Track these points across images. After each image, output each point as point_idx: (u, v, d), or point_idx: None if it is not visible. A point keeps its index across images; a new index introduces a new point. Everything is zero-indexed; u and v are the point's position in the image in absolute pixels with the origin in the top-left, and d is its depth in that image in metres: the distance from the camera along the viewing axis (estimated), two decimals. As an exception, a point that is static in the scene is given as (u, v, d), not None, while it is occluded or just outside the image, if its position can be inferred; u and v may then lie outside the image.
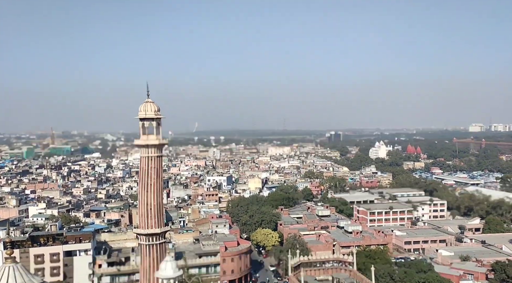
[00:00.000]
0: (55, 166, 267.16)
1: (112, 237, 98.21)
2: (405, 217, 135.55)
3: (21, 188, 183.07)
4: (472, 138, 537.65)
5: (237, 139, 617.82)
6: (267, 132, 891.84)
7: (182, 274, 43.47)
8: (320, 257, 59.81)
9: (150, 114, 47.71)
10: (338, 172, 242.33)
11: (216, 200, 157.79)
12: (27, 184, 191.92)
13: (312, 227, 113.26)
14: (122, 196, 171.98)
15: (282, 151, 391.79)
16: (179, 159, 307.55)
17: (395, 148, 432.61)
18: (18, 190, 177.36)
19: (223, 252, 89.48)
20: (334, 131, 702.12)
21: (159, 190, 47.89)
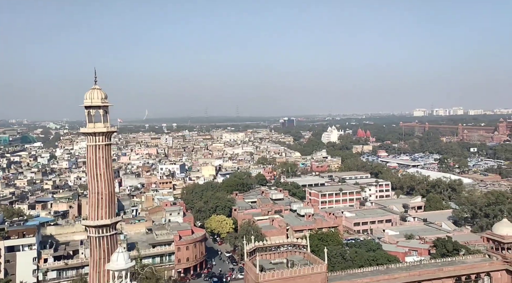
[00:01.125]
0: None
1: (59, 230, 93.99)
2: (354, 198, 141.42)
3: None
4: (416, 122, 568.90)
5: (190, 126, 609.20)
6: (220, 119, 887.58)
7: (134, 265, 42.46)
8: (274, 241, 60.80)
9: (96, 102, 45.50)
10: (291, 157, 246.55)
11: (170, 187, 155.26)
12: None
13: (266, 211, 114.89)
14: (71, 186, 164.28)
15: (236, 136, 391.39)
16: (129, 147, 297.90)
17: (346, 132, 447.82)
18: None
19: (177, 241, 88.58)
20: (287, 117, 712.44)
21: (109, 179, 46.14)
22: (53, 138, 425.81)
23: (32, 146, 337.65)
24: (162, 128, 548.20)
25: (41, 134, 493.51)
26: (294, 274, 51.63)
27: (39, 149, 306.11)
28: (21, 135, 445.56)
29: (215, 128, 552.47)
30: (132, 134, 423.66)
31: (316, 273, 52.36)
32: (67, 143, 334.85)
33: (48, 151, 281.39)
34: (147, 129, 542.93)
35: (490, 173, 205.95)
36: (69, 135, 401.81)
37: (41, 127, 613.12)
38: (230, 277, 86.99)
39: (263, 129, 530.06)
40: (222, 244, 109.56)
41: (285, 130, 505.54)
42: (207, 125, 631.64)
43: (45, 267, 79.10)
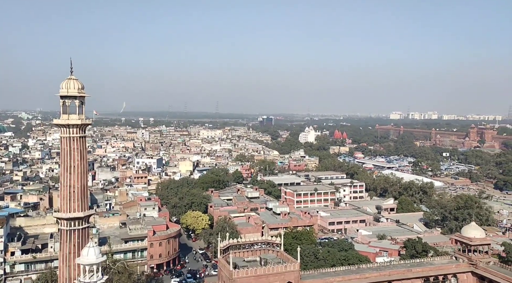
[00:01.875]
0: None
1: (29, 222, 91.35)
2: (328, 198, 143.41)
3: None
4: (392, 125, 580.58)
5: (167, 121, 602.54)
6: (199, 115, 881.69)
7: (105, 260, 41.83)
8: (249, 239, 61.03)
9: (72, 92, 44.58)
10: (269, 156, 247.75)
11: (145, 182, 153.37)
12: None
13: (242, 208, 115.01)
14: (42, 178, 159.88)
15: (214, 133, 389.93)
16: (105, 140, 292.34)
17: (324, 132, 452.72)
18: None
19: (151, 236, 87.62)
20: (266, 116, 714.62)
21: (83, 172, 45.32)
22: (24, 128, 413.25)
23: (2, 135, 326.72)
24: (139, 123, 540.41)
25: (12, 124, 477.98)
26: (267, 272, 52.01)
27: (11, 138, 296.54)
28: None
29: (193, 124, 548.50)
30: (107, 127, 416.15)
31: (289, 271, 52.94)
32: (40, 133, 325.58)
33: (20, 141, 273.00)
34: (123, 123, 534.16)
35: (460, 176, 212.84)
36: (42, 126, 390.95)
37: (12, 117, 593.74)
38: (203, 274, 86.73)
39: (241, 127, 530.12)
40: (196, 240, 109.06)
41: (263, 129, 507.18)
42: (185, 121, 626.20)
43: (12, 260, 76.87)
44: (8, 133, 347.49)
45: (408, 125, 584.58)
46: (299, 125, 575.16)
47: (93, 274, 35.21)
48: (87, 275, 35.13)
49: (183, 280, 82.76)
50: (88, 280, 34.71)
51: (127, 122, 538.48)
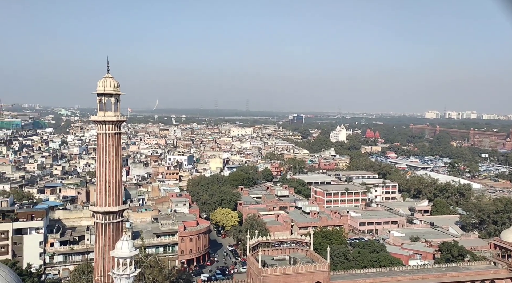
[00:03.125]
0: (4, 140, 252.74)
1: (67, 214, 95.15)
2: (359, 198, 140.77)
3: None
4: (427, 125, 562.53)
5: (199, 118, 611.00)
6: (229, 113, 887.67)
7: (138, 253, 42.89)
8: (278, 237, 60.94)
9: (108, 90, 45.92)
10: (299, 154, 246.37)
11: (176, 178, 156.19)
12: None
13: (271, 207, 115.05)
14: (79, 173, 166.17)
15: (244, 131, 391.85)
16: (138, 137, 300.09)
17: (355, 131, 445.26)
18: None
19: (182, 232, 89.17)
20: (296, 114, 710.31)
21: (117, 168, 46.62)
22: (64, 124, 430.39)
23: (44, 131, 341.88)
24: (171, 120, 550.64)
25: (52, 120, 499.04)
26: (296, 271, 51.78)
27: (51, 134, 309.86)
28: (33, 120, 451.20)
29: (224, 122, 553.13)
30: (141, 124, 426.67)
31: (318, 271, 52.46)
32: (78, 129, 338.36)
33: (60, 137, 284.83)
34: (156, 120, 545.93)
35: (500, 179, 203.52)
36: (80, 122, 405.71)
37: (53, 114, 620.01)
38: (233, 271, 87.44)
39: (271, 125, 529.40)
40: (225, 237, 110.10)
41: (293, 127, 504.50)
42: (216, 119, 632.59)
43: (51, 251, 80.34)
44: (49, 129, 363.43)
45: (445, 125, 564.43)
46: (330, 124, 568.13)
47: (127, 267, 36.16)
48: (121, 268, 36.12)
49: (212, 276, 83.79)
50: (122, 273, 35.68)
51: (159, 120, 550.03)
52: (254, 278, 52.79)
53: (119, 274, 35.65)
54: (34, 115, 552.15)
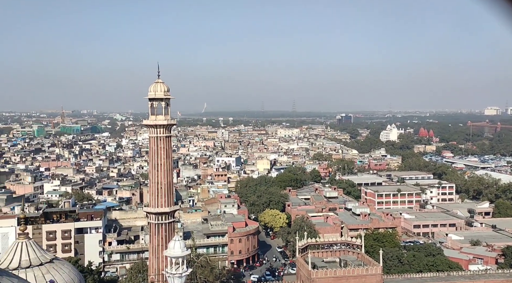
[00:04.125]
0: (66, 145, 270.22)
1: (123, 215, 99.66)
2: (413, 199, 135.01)
3: (36, 165, 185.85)
4: (487, 122, 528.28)
5: (245, 120, 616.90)
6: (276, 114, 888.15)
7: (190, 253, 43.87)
8: (327, 239, 59.94)
9: (159, 95, 47.48)
10: (347, 155, 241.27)
11: (225, 180, 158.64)
12: (41, 162, 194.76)
13: (320, 208, 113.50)
14: (134, 175, 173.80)
15: (291, 132, 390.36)
16: (187, 140, 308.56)
17: (407, 130, 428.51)
18: (33, 167, 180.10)
19: (231, 233, 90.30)
20: (344, 114, 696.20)
21: (169, 169, 48.08)
22: (119, 129, 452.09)
23: (101, 135, 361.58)
24: (219, 122, 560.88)
25: (108, 125, 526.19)
26: (347, 274, 50.60)
27: (107, 138, 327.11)
28: (91, 125, 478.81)
29: (271, 123, 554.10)
30: (190, 127, 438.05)
31: (370, 274, 50.92)
32: (131, 133, 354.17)
33: (115, 141, 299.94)
34: (204, 123, 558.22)
35: None
36: (133, 126, 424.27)
37: (109, 118, 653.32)
38: (282, 272, 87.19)
39: (319, 125, 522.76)
40: (274, 238, 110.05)
41: (342, 127, 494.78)
42: (263, 120, 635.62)
43: (109, 250, 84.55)
44: (105, 133, 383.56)
45: (507, 121, 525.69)
46: (380, 123, 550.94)
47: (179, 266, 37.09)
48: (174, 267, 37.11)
49: (261, 277, 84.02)
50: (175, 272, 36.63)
51: (208, 122, 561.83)
52: (304, 280, 52.24)
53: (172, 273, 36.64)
54: (92, 120, 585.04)
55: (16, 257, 29.13)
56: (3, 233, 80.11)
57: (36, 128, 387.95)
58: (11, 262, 28.04)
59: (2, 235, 79.99)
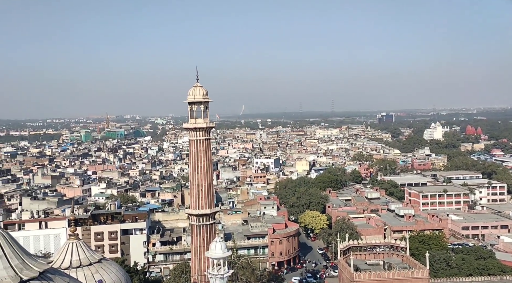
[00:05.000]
0: (111, 149, 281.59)
1: (165, 216, 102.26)
2: (460, 200, 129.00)
3: (83, 169, 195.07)
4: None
5: (284, 122, 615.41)
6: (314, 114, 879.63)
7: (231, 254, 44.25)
8: (370, 241, 58.41)
9: (198, 98, 48.31)
10: (389, 154, 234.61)
11: (264, 181, 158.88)
12: (88, 166, 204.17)
13: (361, 209, 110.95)
14: (175, 177, 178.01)
15: (330, 133, 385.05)
16: (226, 142, 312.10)
17: (453, 128, 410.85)
18: (81, 171, 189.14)
19: (271, 234, 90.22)
20: (385, 113, 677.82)
21: (209, 172, 48.78)
22: (160, 132, 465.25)
23: (143, 139, 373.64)
24: (257, 124, 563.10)
25: (150, 129, 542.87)
26: (391, 277, 49.06)
27: (149, 142, 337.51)
28: (134, 130, 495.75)
29: (309, 124, 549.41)
30: (229, 130, 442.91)
31: (416, 278, 49.07)
32: (172, 137, 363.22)
33: (157, 144, 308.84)
34: (242, 125, 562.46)
35: None
36: (174, 130, 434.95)
37: (150, 123, 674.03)
38: (324, 274, 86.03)
39: (358, 125, 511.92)
40: (315, 240, 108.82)
41: (382, 127, 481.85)
42: (301, 121, 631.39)
43: (153, 250, 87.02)
44: (147, 137, 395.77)
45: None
46: (424, 122, 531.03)
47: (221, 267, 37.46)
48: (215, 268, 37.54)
49: (303, 279, 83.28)
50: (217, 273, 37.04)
51: (246, 124, 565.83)
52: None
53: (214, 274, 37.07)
54: (135, 125, 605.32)
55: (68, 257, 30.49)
56: (55, 234, 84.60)
57: (83, 133, 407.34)
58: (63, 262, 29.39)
59: (54, 235, 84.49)
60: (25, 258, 11.88)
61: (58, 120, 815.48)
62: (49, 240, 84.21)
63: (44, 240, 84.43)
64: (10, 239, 12.11)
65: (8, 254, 11.59)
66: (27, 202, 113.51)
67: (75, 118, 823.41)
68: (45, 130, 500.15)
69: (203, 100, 48.31)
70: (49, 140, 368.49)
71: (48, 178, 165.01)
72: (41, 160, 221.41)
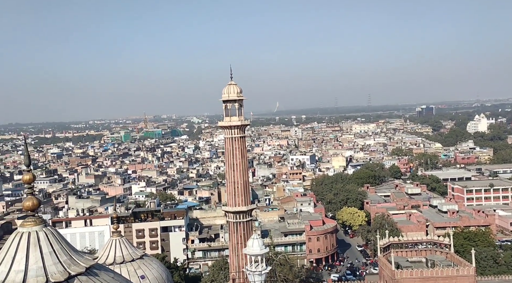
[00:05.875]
0: (149, 148, 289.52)
1: (203, 214, 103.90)
2: (508, 195, 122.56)
3: (124, 168, 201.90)
4: None
5: (319, 118, 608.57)
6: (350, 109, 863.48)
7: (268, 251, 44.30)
8: (411, 238, 56.68)
9: (232, 96, 48.55)
10: (430, 148, 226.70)
11: (300, 178, 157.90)
12: (128, 165, 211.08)
13: (401, 205, 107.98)
14: (211, 175, 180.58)
15: (367, 127, 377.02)
16: (261, 139, 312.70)
17: (498, 120, 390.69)
18: (122, 170, 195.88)
19: (308, 231, 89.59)
20: (425, 105, 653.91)
21: (244, 169, 48.99)
22: (196, 131, 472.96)
23: (180, 138, 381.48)
24: (292, 121, 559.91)
25: (186, 128, 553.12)
26: (435, 275, 47.37)
27: (186, 141, 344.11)
28: (171, 129, 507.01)
29: (345, 119, 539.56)
30: (263, 127, 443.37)
31: (462, 275, 47.11)
32: (208, 135, 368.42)
33: (193, 143, 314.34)
34: (277, 121, 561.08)
35: None
36: (209, 128, 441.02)
37: (186, 122, 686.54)
38: (364, 271, 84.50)
39: (397, 119, 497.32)
40: (353, 237, 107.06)
41: (422, 120, 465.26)
42: (337, 117, 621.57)
43: (192, 247, 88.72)
44: (184, 136, 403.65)
45: None
46: (467, 114, 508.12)
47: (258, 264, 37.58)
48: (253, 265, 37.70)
49: (342, 276, 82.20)
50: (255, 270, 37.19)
51: (280, 121, 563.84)
52: (388, 280, 49.98)
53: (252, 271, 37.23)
54: (172, 124, 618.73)
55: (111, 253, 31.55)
56: (99, 231, 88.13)
57: (123, 134, 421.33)
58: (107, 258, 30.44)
59: (98, 232, 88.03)
60: (72, 254, 12.37)
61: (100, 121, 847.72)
62: (94, 237, 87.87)
63: (89, 237, 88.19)
64: (59, 236, 12.64)
65: (57, 250, 12.11)
66: (73, 201, 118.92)
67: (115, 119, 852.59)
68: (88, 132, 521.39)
69: (237, 98, 48.50)
70: (91, 141, 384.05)
71: (91, 177, 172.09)
72: (85, 160, 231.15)
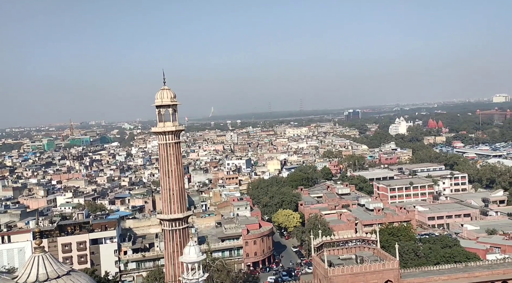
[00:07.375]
0: (76, 157, 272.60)
1: (137, 223, 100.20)
2: (426, 192, 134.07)
3: (47, 179, 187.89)
4: (496, 109, 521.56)
5: (253, 122, 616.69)
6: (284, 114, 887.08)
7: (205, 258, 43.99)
8: (342, 236, 59.64)
9: (166, 101, 47.74)
10: (357, 150, 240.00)
11: (236, 183, 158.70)
12: (52, 175, 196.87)
13: (332, 206, 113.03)
14: (145, 183, 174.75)
15: (299, 131, 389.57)
16: (197, 144, 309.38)
17: (416, 123, 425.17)
18: (45, 181, 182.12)
19: (245, 235, 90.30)
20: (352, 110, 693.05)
21: (180, 175, 48.28)
22: (128, 138, 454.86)
23: (110, 145, 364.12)
24: (227, 125, 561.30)
25: (117, 134, 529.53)
26: (364, 270, 50.31)
27: (117, 148, 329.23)
28: (100, 136, 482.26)
29: (279, 123, 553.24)
30: (199, 132, 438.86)
31: (387, 269, 50.58)
32: (141, 142, 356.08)
33: (125, 150, 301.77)
34: (212, 127, 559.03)
35: None
36: (142, 134, 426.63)
37: (117, 128, 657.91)
38: (299, 272, 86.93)
39: (327, 123, 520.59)
40: (289, 238, 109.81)
41: (350, 123, 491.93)
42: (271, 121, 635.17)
43: (125, 259, 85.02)
44: (115, 143, 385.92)
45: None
46: (388, 117, 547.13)
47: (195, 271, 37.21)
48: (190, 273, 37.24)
49: (279, 278, 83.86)
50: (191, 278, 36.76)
51: (216, 126, 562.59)
52: (321, 279, 52.06)
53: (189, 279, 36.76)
54: (101, 131, 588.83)
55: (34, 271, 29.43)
56: (19, 248, 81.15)
57: (46, 142, 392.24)
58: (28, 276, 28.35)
59: (18, 249, 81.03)
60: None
61: (18, 129, 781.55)
62: (12, 254, 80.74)
63: (7, 255, 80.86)
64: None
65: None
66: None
67: (36, 127, 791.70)
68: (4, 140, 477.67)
69: (171, 103, 47.79)
70: (9, 150, 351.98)
71: (9, 189, 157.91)
72: (1, 171, 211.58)
